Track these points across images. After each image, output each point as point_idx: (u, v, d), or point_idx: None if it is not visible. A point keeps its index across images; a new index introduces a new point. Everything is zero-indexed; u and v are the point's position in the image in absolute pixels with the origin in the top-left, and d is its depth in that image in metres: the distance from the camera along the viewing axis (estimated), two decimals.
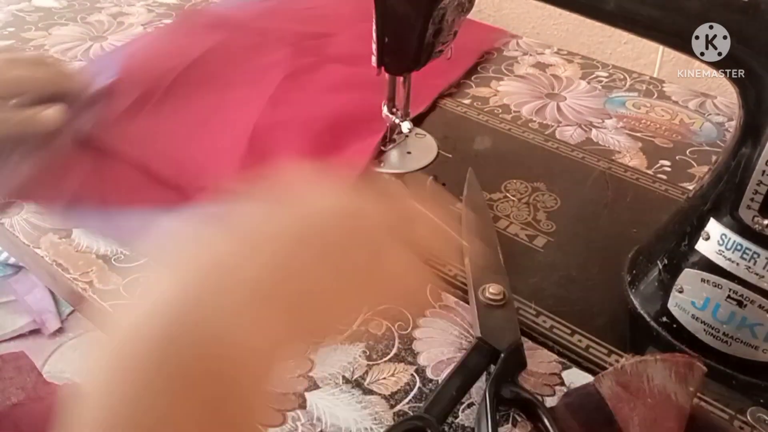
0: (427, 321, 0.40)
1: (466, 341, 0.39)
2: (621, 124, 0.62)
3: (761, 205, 0.34)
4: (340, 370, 0.37)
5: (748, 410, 0.36)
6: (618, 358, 0.38)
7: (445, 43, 0.50)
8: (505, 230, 0.47)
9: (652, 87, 0.69)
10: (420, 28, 0.46)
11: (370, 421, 0.34)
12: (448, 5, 0.46)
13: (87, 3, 0.82)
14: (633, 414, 0.31)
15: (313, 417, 0.34)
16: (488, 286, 0.39)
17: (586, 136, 0.59)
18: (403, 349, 0.38)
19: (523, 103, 0.64)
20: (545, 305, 0.41)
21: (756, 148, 0.34)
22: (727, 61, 0.34)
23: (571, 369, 0.38)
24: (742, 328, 0.36)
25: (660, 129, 0.61)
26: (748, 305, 0.35)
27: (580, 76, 0.71)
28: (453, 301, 0.41)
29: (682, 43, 0.35)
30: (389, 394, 0.35)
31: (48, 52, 0.68)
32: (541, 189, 0.52)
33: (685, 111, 0.65)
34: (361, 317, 0.40)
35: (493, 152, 0.57)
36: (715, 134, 0.61)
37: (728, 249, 0.36)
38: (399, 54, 0.49)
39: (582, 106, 0.64)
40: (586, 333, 0.40)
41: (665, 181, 0.54)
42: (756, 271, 0.35)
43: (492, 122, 0.61)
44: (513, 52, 0.76)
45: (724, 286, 0.36)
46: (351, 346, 0.38)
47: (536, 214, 0.49)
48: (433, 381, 0.36)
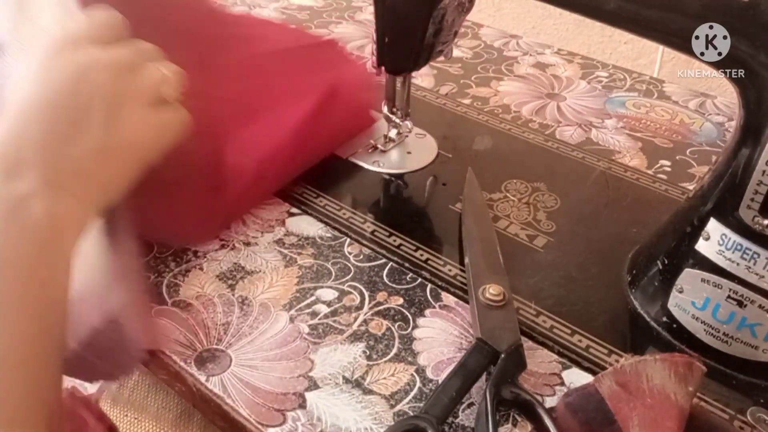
0: (427, 321, 0.40)
1: (466, 341, 0.39)
2: (621, 124, 0.62)
3: (761, 205, 0.34)
4: (340, 370, 0.37)
5: (748, 410, 0.36)
6: (618, 358, 0.38)
7: (445, 43, 0.50)
8: (505, 230, 0.47)
9: (652, 87, 0.69)
10: (420, 28, 0.46)
11: (370, 421, 0.34)
12: (448, 5, 0.46)
13: None
14: (633, 414, 0.31)
15: (313, 417, 0.34)
16: (488, 286, 0.39)
17: (586, 136, 0.59)
18: (403, 349, 0.38)
19: (523, 103, 0.64)
20: (545, 305, 0.41)
21: (756, 148, 0.34)
22: (727, 61, 0.34)
23: (571, 369, 0.38)
24: (742, 328, 0.36)
25: (660, 129, 0.61)
26: (748, 305, 0.35)
27: (580, 76, 0.71)
28: (453, 301, 0.41)
29: (682, 43, 0.35)
30: (389, 394, 0.35)
31: None
32: (541, 189, 0.52)
33: (685, 111, 0.65)
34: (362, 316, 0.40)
35: (493, 152, 0.57)
36: (715, 134, 0.61)
37: (728, 249, 0.36)
38: (399, 54, 0.49)
39: (582, 106, 0.65)
40: (586, 333, 0.40)
41: (665, 181, 0.54)
42: (756, 271, 0.35)
43: (492, 122, 0.61)
44: (513, 52, 0.76)
45: (724, 286, 0.36)
46: (351, 346, 0.38)
47: (536, 214, 0.49)
48: (433, 381, 0.36)
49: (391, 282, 0.43)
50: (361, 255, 0.45)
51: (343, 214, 0.48)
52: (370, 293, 0.42)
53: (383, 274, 0.43)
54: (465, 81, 0.68)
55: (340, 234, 0.47)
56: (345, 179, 0.52)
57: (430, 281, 0.43)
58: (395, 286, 0.42)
